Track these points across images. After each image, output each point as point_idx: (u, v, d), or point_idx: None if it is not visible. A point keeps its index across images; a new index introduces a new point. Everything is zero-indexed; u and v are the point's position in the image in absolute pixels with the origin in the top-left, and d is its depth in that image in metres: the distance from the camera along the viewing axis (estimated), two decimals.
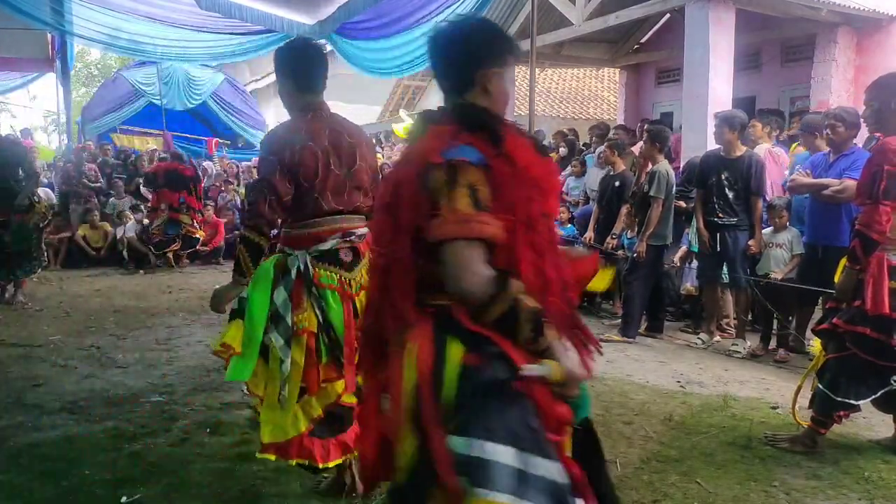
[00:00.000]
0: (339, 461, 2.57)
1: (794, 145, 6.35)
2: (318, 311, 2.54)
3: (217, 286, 2.77)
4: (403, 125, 15.90)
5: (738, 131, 5.36)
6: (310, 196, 2.56)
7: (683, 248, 6.22)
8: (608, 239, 6.50)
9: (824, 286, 4.66)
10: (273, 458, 2.52)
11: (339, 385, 2.54)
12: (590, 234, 6.93)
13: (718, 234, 5.36)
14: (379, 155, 13.57)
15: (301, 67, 2.68)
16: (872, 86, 3.30)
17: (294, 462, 2.53)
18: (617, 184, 6.54)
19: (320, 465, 2.52)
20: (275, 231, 2.68)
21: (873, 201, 3.06)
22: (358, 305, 2.56)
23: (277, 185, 2.49)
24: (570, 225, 7.72)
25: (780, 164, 5.89)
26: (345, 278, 2.59)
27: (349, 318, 2.55)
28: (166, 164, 10.30)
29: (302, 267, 2.55)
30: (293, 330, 2.50)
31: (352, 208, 2.65)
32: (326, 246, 2.58)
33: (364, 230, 2.66)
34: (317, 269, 2.56)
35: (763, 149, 5.86)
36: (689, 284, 6.18)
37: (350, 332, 2.53)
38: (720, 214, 5.35)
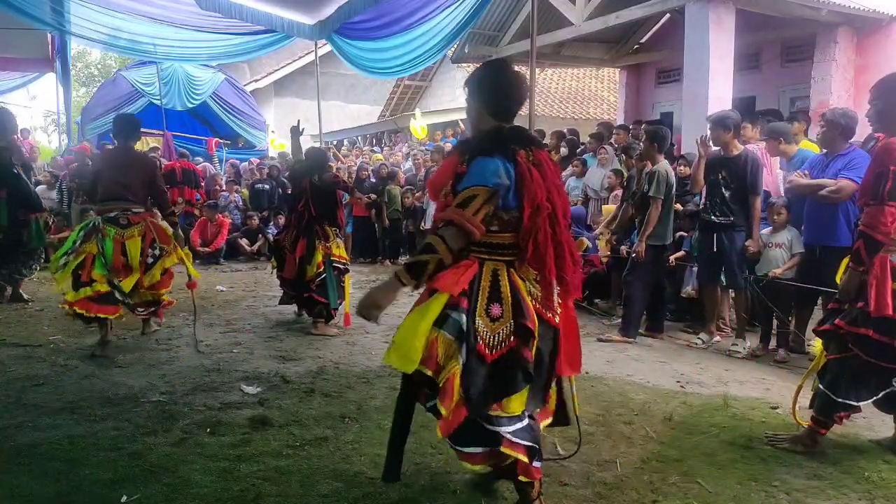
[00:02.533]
0: (108, 316, 4.93)
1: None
2: (99, 246, 4.88)
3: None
4: (419, 124, 15.83)
5: (734, 131, 5.36)
6: (105, 188, 5.06)
7: (682, 252, 6.22)
8: (610, 236, 6.54)
9: (822, 286, 4.67)
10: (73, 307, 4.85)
11: (127, 282, 4.95)
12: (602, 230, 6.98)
13: (715, 235, 5.36)
14: (379, 155, 13.60)
15: (119, 128, 5.35)
16: (877, 86, 3.29)
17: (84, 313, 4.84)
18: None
19: (91, 315, 4.85)
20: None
21: (878, 202, 3.05)
22: (126, 246, 4.94)
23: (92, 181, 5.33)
24: None
25: (768, 161, 5.88)
26: (119, 233, 4.95)
27: (117, 253, 4.89)
28: (182, 161, 11.36)
29: (96, 223, 5.00)
30: (77, 250, 4.92)
31: (126, 197, 5.04)
32: (111, 214, 5.00)
33: (139, 209, 5.07)
34: (104, 226, 4.95)
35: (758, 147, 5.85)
36: (689, 288, 6.16)
37: (116, 258, 4.88)
38: (717, 213, 5.36)
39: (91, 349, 5.06)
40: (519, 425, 2.33)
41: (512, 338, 2.26)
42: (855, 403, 3.18)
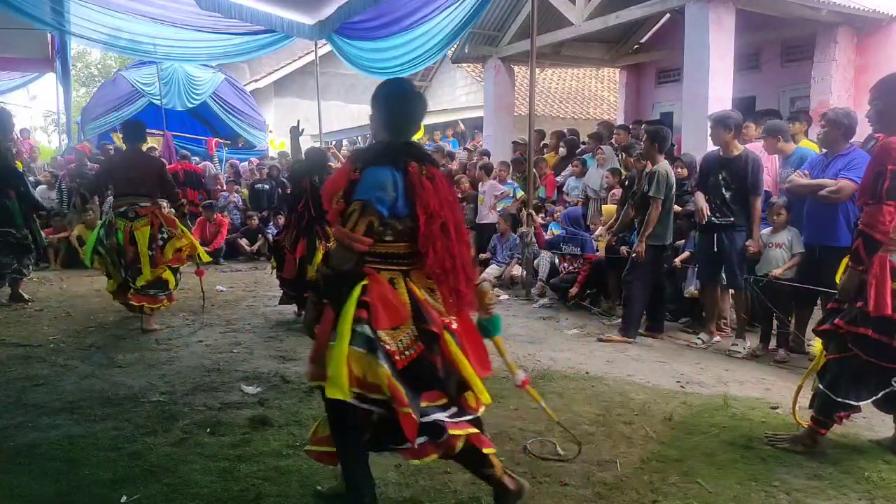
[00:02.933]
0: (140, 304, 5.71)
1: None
2: (116, 238, 5.64)
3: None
4: None
5: (734, 131, 5.36)
6: (118, 186, 5.90)
7: (686, 253, 6.20)
8: (610, 237, 6.54)
9: (822, 287, 4.67)
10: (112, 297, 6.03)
11: (141, 278, 5.65)
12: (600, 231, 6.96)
13: (716, 235, 5.36)
14: None
15: (128, 132, 6.17)
16: (877, 86, 3.29)
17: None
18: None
19: (135, 305, 5.72)
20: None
21: (876, 201, 3.05)
22: (135, 236, 5.62)
23: (103, 179, 6.37)
24: (553, 222, 7.79)
25: (771, 161, 5.88)
26: (128, 225, 5.65)
27: (127, 242, 5.61)
28: (184, 163, 11.65)
29: (110, 219, 5.82)
30: (106, 244, 5.73)
31: (136, 193, 5.74)
32: (122, 209, 5.73)
33: (146, 203, 5.74)
34: (116, 220, 5.70)
35: (760, 146, 5.85)
36: (692, 288, 6.16)
37: (127, 248, 5.61)
38: (717, 214, 5.35)
39: (91, 349, 5.08)
40: (452, 410, 2.35)
41: (418, 344, 2.29)
42: (855, 403, 3.18)
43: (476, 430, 2.39)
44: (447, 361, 2.33)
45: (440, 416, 2.31)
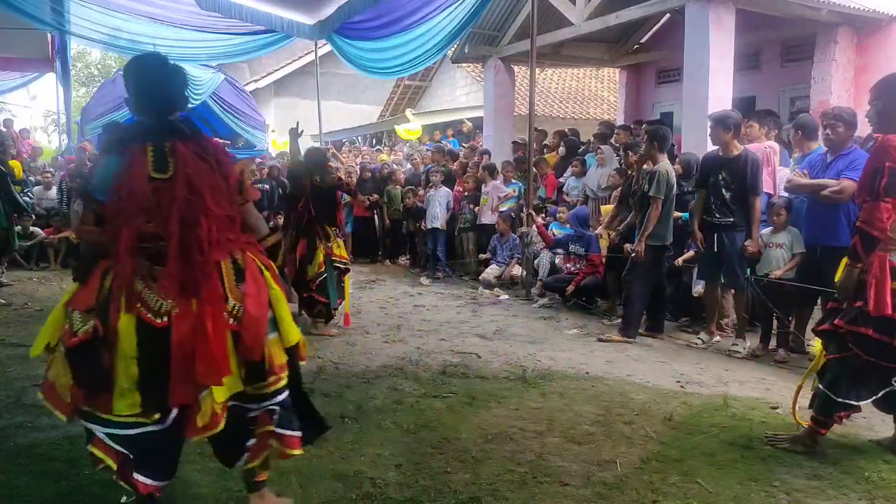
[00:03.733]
0: None
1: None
2: None
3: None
4: (405, 126, 15.90)
5: (734, 131, 5.35)
6: None
7: (691, 252, 6.18)
8: (614, 236, 6.55)
9: (822, 286, 4.66)
10: None
11: None
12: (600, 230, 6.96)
13: (716, 235, 5.36)
14: (384, 156, 13.62)
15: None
16: (877, 86, 3.29)
17: None
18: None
19: None
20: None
21: (874, 198, 3.05)
22: None
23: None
24: (566, 225, 7.76)
25: (772, 161, 5.86)
26: None
27: None
28: None
29: None
30: None
31: None
32: None
33: None
34: None
35: (760, 146, 5.83)
36: (699, 288, 6.13)
37: None
38: (717, 214, 5.35)
39: None
40: (119, 431, 2.23)
41: (88, 330, 2.18)
42: (855, 403, 3.18)
43: (114, 467, 2.27)
44: (111, 358, 2.17)
45: (98, 429, 2.24)
